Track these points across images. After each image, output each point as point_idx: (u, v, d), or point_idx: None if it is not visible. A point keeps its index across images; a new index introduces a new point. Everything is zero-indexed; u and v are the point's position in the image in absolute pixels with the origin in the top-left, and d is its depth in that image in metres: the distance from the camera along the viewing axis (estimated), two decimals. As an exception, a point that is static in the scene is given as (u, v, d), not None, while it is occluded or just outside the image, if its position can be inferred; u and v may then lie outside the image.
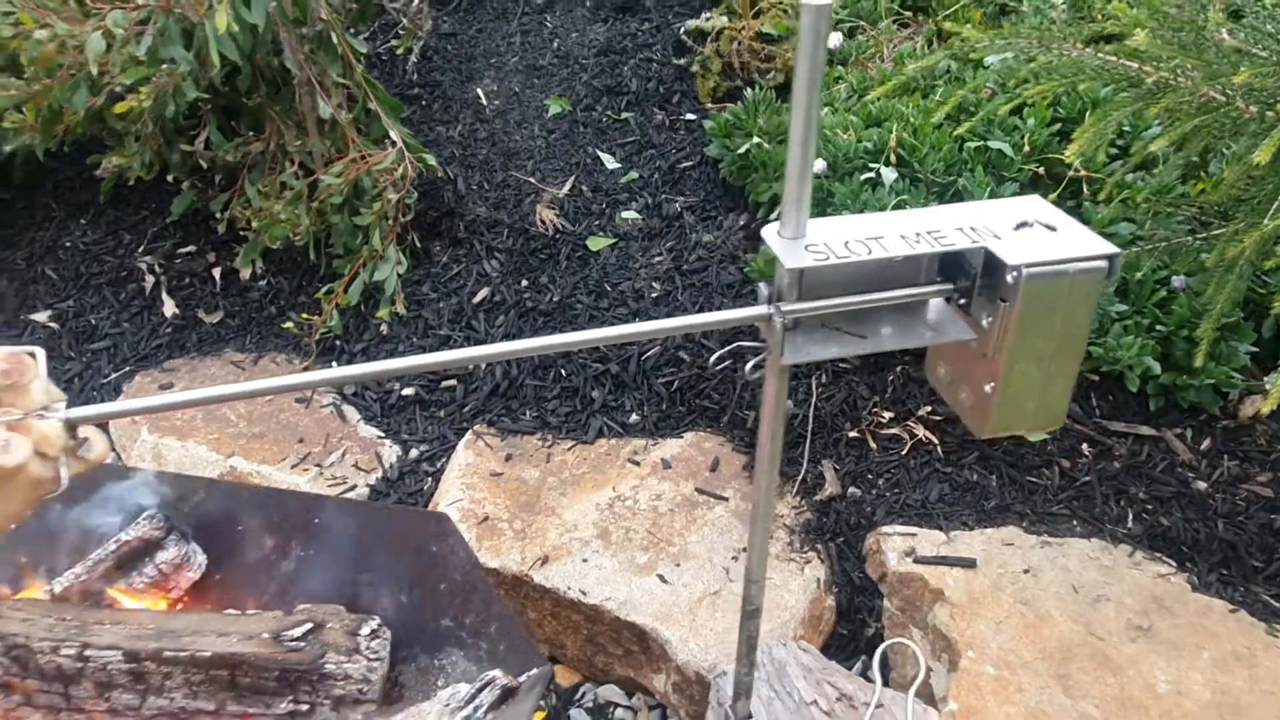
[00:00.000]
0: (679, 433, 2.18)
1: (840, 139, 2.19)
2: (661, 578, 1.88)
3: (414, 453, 2.24)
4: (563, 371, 2.29)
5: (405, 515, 1.38)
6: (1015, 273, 0.90)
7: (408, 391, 2.35)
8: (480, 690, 1.21)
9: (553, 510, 2.03)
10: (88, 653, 1.08)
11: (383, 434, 2.29)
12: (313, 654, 1.16)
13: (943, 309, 1.02)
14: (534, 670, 1.26)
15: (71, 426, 0.85)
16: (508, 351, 0.97)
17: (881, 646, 1.46)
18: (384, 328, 2.47)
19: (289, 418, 2.34)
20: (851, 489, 2.02)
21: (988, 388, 0.98)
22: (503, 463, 2.15)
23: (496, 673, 1.23)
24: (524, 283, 2.46)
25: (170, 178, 2.72)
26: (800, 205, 0.93)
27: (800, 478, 2.04)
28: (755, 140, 2.37)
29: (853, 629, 1.90)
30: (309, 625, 1.21)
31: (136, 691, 1.10)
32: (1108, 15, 1.41)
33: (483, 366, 2.35)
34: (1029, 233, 0.95)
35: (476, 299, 2.44)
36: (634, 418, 2.22)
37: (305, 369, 2.47)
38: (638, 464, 2.12)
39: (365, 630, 1.25)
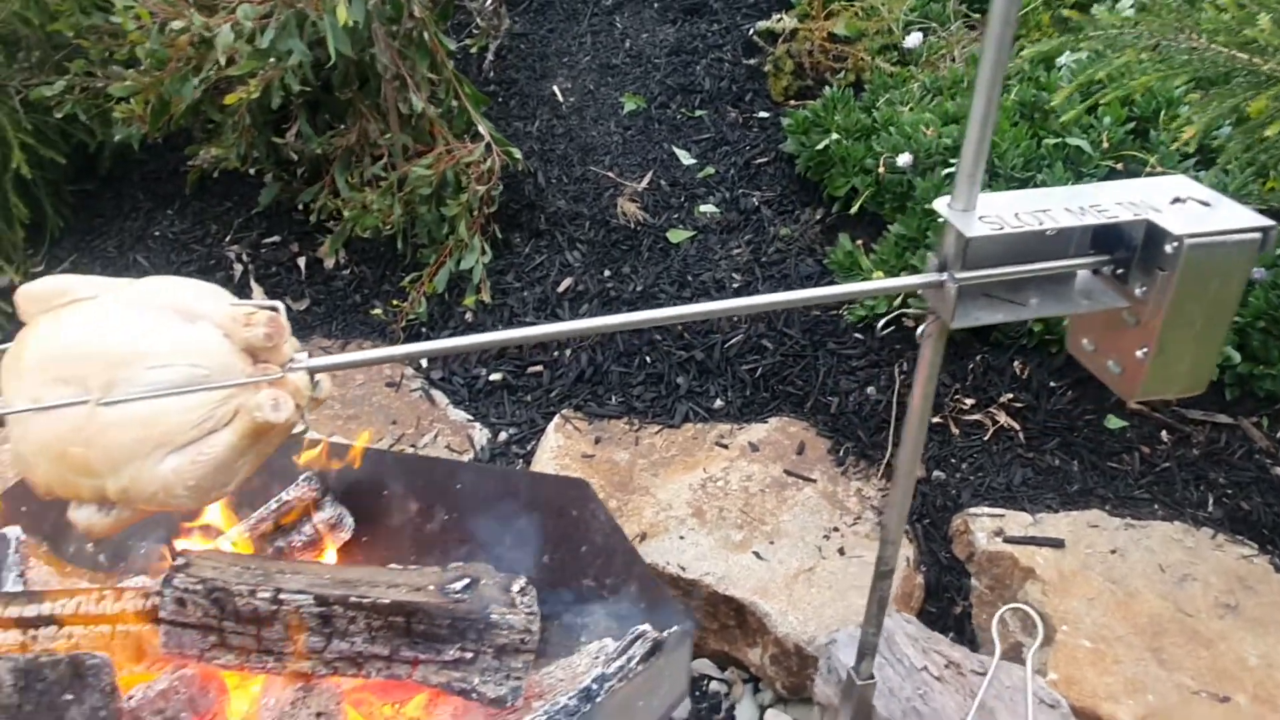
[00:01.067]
0: (763, 418, 2.25)
1: (922, 135, 2.26)
2: (757, 554, 1.95)
3: (503, 435, 2.32)
4: (648, 358, 2.37)
5: (546, 480, 1.45)
6: (1177, 243, 0.96)
7: (495, 377, 2.43)
8: (632, 642, 1.28)
9: (646, 490, 2.10)
10: (281, 596, 1.15)
11: (471, 417, 2.36)
12: (479, 604, 1.23)
13: (1090, 279, 1.09)
14: (676, 627, 1.32)
15: (311, 375, 0.93)
16: (645, 320, 0.99)
17: (999, 612, 1.52)
18: (469, 315, 2.55)
19: (381, 400, 2.42)
20: (936, 472, 2.09)
21: (1140, 353, 1.04)
22: (592, 445, 2.22)
23: (646, 626, 1.30)
24: (606, 273, 2.53)
25: (252, 170, 2.81)
26: (974, 179, 1.00)
27: (885, 461, 2.11)
28: (834, 136, 2.44)
29: (940, 606, 1.96)
30: (467, 580, 1.29)
31: (323, 635, 1.17)
32: (1221, 7, 1.47)
33: (568, 353, 2.42)
34: (1184, 207, 1.01)
35: (560, 288, 2.52)
36: (718, 403, 2.29)
37: (392, 354, 2.55)
38: (725, 447, 2.19)
39: (515, 587, 1.32)
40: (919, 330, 1.08)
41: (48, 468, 0.83)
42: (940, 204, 1.04)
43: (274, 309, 0.90)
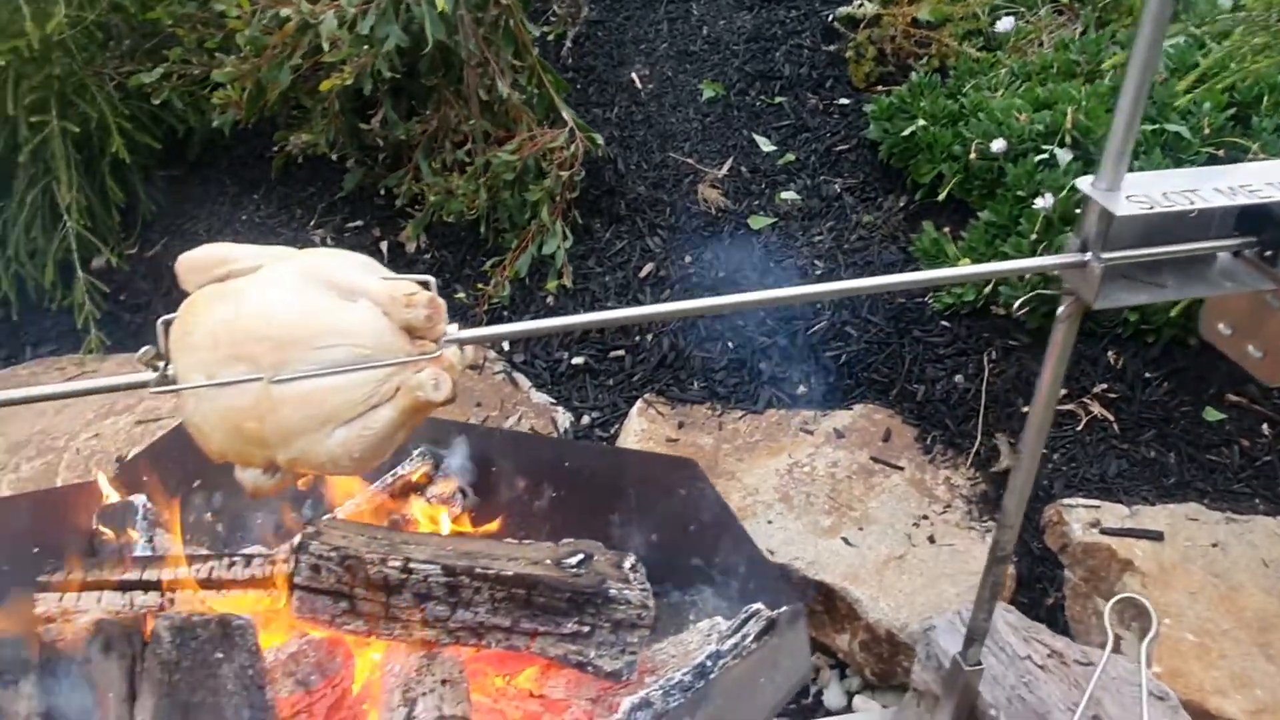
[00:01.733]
0: (847, 405, 2.24)
1: (1014, 121, 2.23)
2: (846, 540, 1.94)
3: (586, 419, 2.34)
4: (730, 343, 2.37)
5: (653, 459, 1.47)
6: (1334, 224, 0.94)
7: (577, 360, 2.45)
8: (746, 620, 1.29)
9: (732, 474, 2.10)
10: (411, 565, 1.19)
11: (554, 400, 2.39)
12: (597, 578, 1.25)
13: (1231, 262, 1.07)
14: (785, 607, 1.33)
15: (461, 347, 0.95)
16: (741, 303, 0.98)
17: (1111, 601, 1.50)
18: (550, 300, 2.57)
19: (464, 383, 2.45)
20: (1027, 462, 2.06)
21: (1287, 338, 1.02)
22: (675, 429, 2.24)
23: (760, 605, 1.31)
24: (687, 259, 2.54)
25: (336, 156, 2.86)
26: (1121, 158, 0.99)
27: (974, 450, 2.09)
28: (920, 122, 2.42)
29: (1032, 597, 1.94)
30: (582, 555, 1.31)
31: (448, 604, 1.20)
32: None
33: (649, 338, 2.44)
34: (1338, 188, 0.99)
35: (642, 273, 2.53)
36: (801, 389, 2.28)
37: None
38: (810, 433, 2.18)
39: (626, 564, 1.34)
40: (1059, 310, 1.06)
41: (223, 439, 0.86)
42: (1084, 183, 1.03)
43: (426, 284, 0.93)
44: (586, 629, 1.25)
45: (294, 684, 1.21)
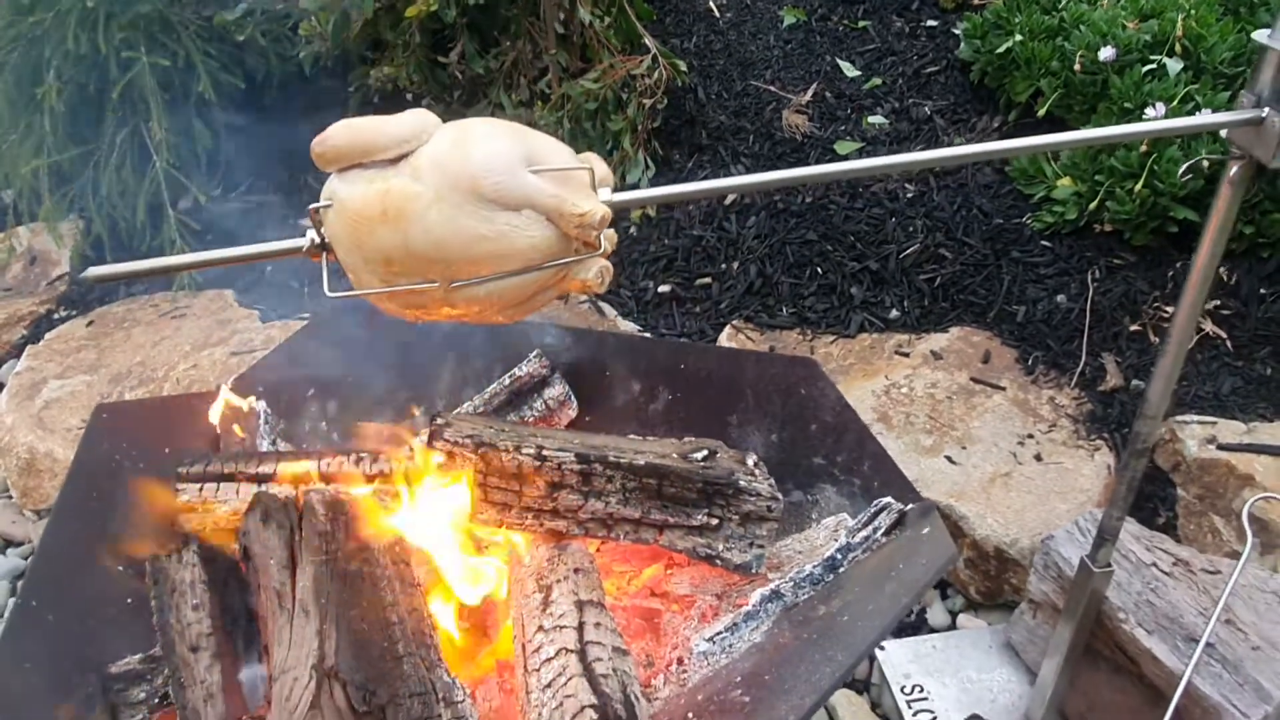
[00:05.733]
0: (943, 327, 2.19)
1: (1121, 29, 2.14)
2: (949, 459, 1.91)
3: (690, 343, 2.32)
4: (819, 269, 2.33)
5: (772, 360, 1.45)
6: None
7: (663, 289, 2.43)
8: (876, 514, 1.28)
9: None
10: (545, 453, 1.19)
11: (641, 328, 2.38)
12: (727, 470, 1.24)
13: None
14: (914, 504, 1.31)
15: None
16: (837, 172, 0.95)
17: (1249, 502, 1.46)
18: (633, 230, 2.55)
19: (550, 313, 2.45)
20: (1135, 381, 2.01)
21: None
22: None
23: (889, 499, 1.29)
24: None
25: (410, 95, 2.86)
26: (1307, 5, 0.93)
27: (1080, 370, 2.04)
28: (1017, 38, 2.34)
29: (1142, 517, 1.89)
30: (706, 450, 1.29)
31: (580, 493, 1.20)
32: None
33: (735, 265, 2.41)
34: None
35: (727, 201, 2.50)
36: (894, 314, 2.24)
37: (558, 270, 2.58)
38: (906, 355, 2.15)
39: (750, 461, 1.32)
40: (1231, 172, 1.02)
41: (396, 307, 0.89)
42: (1261, 35, 0.98)
43: (589, 169, 0.92)
44: (715, 521, 1.25)
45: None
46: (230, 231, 2.88)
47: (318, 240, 0.90)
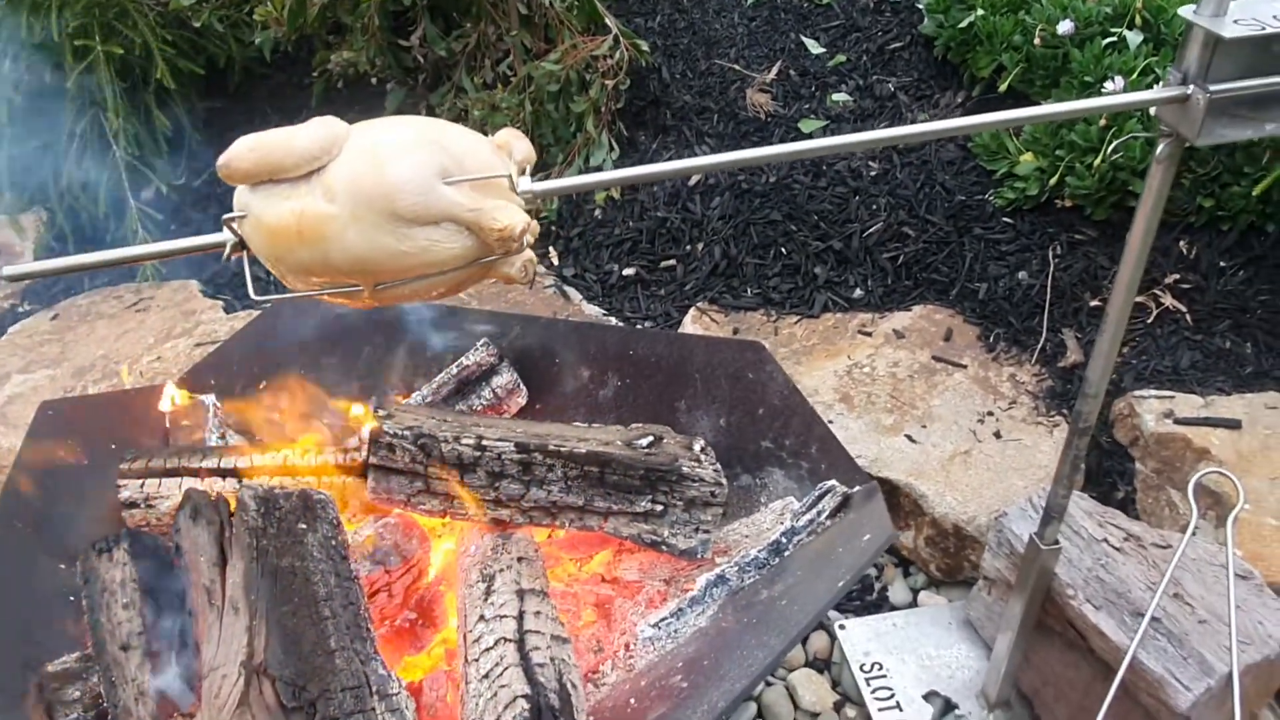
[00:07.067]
0: (906, 306, 2.19)
1: (1081, 3, 2.12)
2: (909, 438, 1.91)
3: (639, 329, 2.32)
4: (783, 249, 2.33)
5: (721, 344, 1.45)
6: None
7: (628, 272, 2.42)
8: (820, 497, 1.28)
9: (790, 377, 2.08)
10: (484, 443, 1.18)
11: (606, 311, 2.37)
12: (670, 456, 1.24)
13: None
14: (860, 486, 1.31)
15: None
16: (791, 152, 0.94)
17: (1195, 477, 1.46)
18: (598, 212, 2.54)
19: (516, 297, 2.44)
20: (1095, 357, 2.01)
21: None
22: (731, 335, 2.21)
23: (834, 482, 1.29)
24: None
25: (375, 79, 2.83)
26: (1228, -21, 0.92)
27: (1040, 346, 2.04)
28: (979, 12, 2.32)
29: (1101, 492, 1.90)
30: (651, 437, 1.29)
31: (522, 482, 1.20)
32: None
33: (700, 247, 2.40)
34: None
35: (691, 182, 2.48)
36: (858, 292, 2.24)
37: (523, 254, 2.56)
38: (869, 335, 2.14)
39: (696, 447, 1.32)
40: (1157, 150, 1.01)
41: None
42: (1186, 10, 0.97)
43: (508, 175, 0.90)
44: (659, 508, 1.25)
45: (372, 564, 1.22)
46: (194, 222, 2.86)
47: (236, 240, 0.89)
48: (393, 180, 0.84)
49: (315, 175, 0.85)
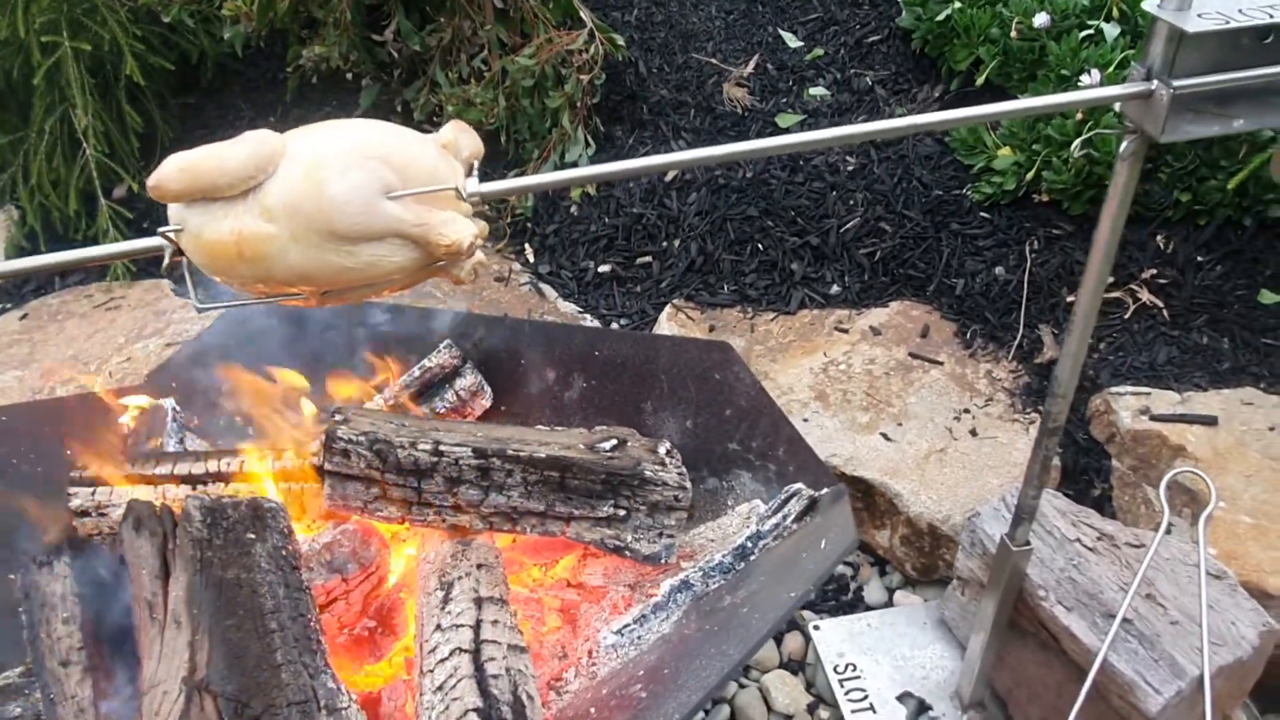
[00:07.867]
0: (883, 302, 2.17)
1: (1058, -5, 2.10)
2: (885, 436, 1.90)
3: (614, 326, 2.30)
4: (760, 245, 2.30)
5: (687, 345, 1.42)
6: None
7: (603, 269, 2.40)
8: (786, 501, 1.26)
9: (766, 375, 2.06)
10: (441, 448, 1.16)
11: (581, 309, 2.35)
12: (633, 460, 1.22)
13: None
14: (827, 489, 1.29)
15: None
16: (765, 148, 0.92)
17: (1167, 476, 1.45)
18: (574, 209, 2.51)
19: (491, 295, 2.41)
20: (1072, 353, 1.99)
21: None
22: (707, 333, 2.19)
23: (800, 485, 1.27)
24: (714, 161, 2.46)
25: (350, 75, 2.79)
26: (1190, -27, 0.90)
27: (1016, 343, 2.02)
28: (956, 5, 2.29)
29: (1078, 489, 1.89)
30: (615, 440, 1.27)
31: (480, 488, 1.18)
32: None
33: (676, 243, 2.37)
34: None
35: (668, 178, 2.46)
36: (835, 289, 2.22)
37: (499, 251, 2.54)
38: (845, 331, 2.13)
39: (661, 449, 1.30)
40: (1122, 147, 0.99)
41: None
42: (1150, 4, 0.95)
43: (454, 188, 0.88)
44: (622, 512, 1.23)
45: (330, 572, 1.19)
46: (166, 220, 2.82)
47: (174, 249, 0.87)
48: (333, 201, 0.81)
49: (252, 194, 0.82)
